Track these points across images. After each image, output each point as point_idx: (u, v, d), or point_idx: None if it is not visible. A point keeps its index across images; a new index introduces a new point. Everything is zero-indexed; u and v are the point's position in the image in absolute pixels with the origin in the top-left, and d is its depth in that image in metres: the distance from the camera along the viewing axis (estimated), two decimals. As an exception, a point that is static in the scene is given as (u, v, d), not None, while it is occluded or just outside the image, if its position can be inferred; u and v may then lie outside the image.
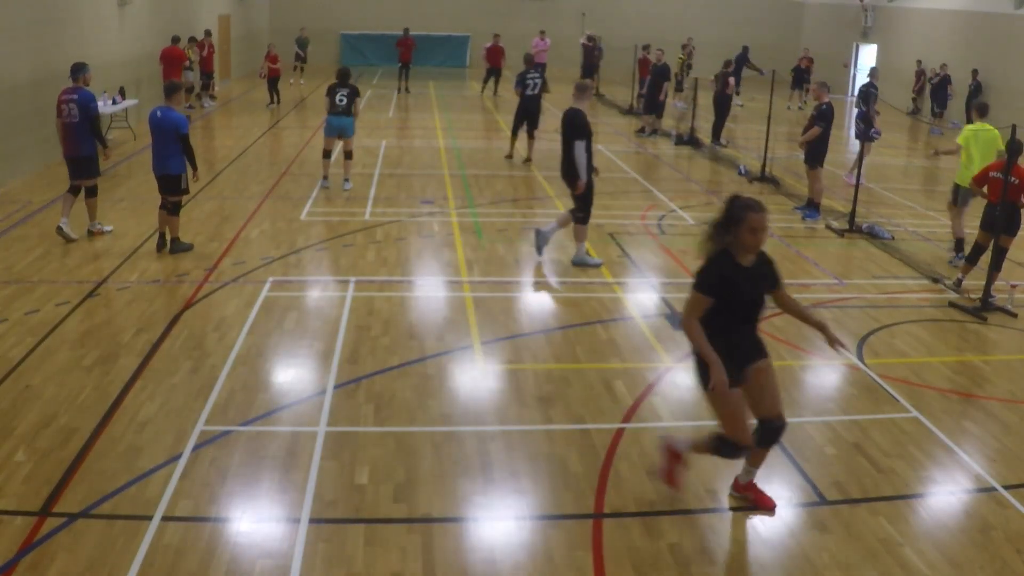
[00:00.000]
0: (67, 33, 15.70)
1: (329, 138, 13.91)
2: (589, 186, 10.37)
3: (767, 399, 5.37)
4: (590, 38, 29.69)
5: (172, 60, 20.12)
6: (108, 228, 11.17)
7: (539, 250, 10.62)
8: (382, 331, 8.33)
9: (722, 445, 5.37)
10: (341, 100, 13.57)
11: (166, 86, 10.59)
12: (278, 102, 23.87)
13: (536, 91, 16.49)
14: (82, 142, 10.70)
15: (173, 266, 9.99)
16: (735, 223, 5.12)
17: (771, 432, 5.43)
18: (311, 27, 35.46)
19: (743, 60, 27.12)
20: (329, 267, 10.24)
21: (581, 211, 10.47)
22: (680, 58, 27.21)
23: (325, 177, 14.01)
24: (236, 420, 6.54)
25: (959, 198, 11.70)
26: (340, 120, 13.64)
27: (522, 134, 16.88)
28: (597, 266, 10.45)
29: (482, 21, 34.90)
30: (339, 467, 5.94)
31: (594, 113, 25.17)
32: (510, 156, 17.04)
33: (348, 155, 13.97)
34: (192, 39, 21.94)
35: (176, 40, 20.50)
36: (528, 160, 16.60)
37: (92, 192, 10.91)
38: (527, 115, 16.60)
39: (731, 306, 5.16)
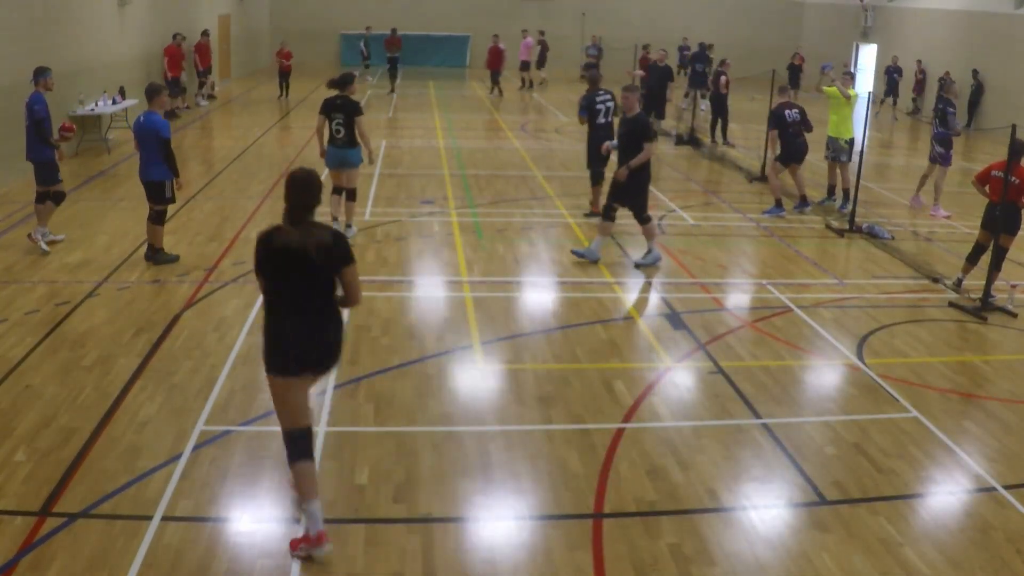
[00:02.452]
0: (67, 33, 15.70)
1: (333, 171, 11.02)
2: (642, 185, 10.52)
3: None
4: (541, 33, 30.07)
5: (173, 57, 20.85)
6: (45, 247, 10.36)
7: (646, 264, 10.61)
8: (382, 331, 8.33)
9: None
10: (338, 130, 10.76)
11: (147, 89, 10.01)
12: (287, 96, 25.11)
13: (608, 118, 12.56)
14: (31, 147, 10.42)
15: (173, 266, 9.97)
16: None
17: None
18: (311, 27, 35.57)
19: (702, 58, 26.13)
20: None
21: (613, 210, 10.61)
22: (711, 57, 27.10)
23: (335, 219, 11.06)
24: (236, 420, 6.54)
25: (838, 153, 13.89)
26: (341, 152, 10.89)
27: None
28: (594, 261, 10.58)
29: (482, 21, 34.90)
30: (339, 467, 5.94)
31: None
32: (595, 213, 12.54)
33: (350, 194, 11.11)
34: (177, 35, 21.97)
35: (175, 38, 20.92)
36: (593, 211, 12.78)
37: (57, 198, 10.57)
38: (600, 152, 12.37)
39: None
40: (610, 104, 12.53)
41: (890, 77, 27.94)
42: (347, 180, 11.04)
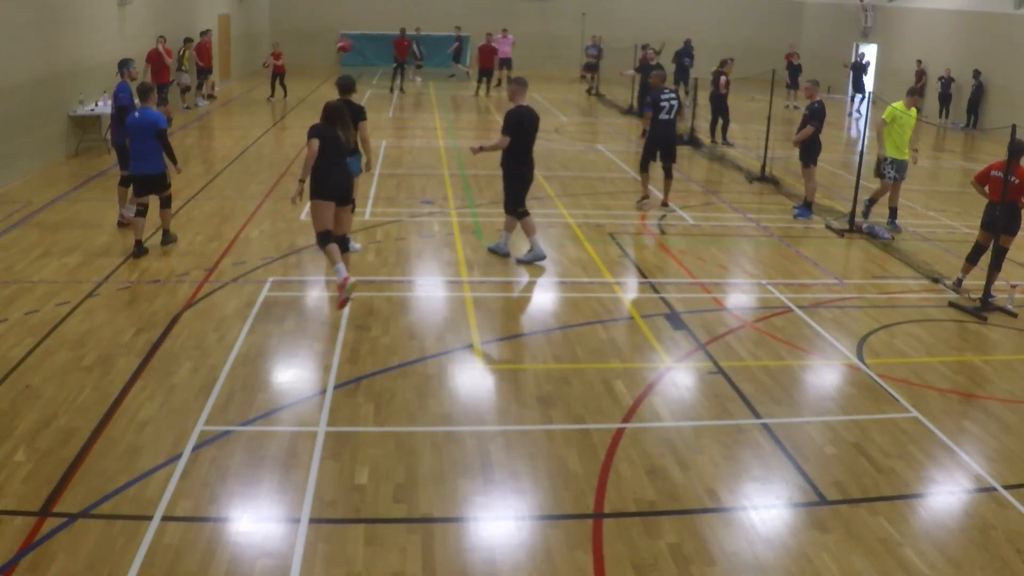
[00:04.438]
0: (67, 33, 15.71)
1: None
2: (508, 178, 10.47)
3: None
4: (457, 28, 31.08)
5: (155, 64, 19.63)
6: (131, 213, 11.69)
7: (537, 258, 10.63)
8: (382, 331, 8.33)
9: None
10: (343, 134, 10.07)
11: (139, 88, 10.59)
12: (285, 96, 25.24)
13: (672, 115, 13.41)
14: (116, 134, 11.61)
15: (173, 266, 9.98)
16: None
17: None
18: (311, 27, 35.60)
19: (686, 55, 25.65)
20: (329, 267, 10.23)
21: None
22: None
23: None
24: (236, 420, 6.54)
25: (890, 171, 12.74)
26: None
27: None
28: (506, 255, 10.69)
29: (482, 21, 34.91)
30: (339, 467, 5.94)
31: (594, 113, 25.18)
32: (646, 198, 13.71)
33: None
34: (188, 40, 21.91)
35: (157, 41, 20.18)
36: (665, 204, 13.60)
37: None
38: (662, 146, 13.51)
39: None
40: (674, 102, 13.38)
41: (856, 73, 28.45)
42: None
